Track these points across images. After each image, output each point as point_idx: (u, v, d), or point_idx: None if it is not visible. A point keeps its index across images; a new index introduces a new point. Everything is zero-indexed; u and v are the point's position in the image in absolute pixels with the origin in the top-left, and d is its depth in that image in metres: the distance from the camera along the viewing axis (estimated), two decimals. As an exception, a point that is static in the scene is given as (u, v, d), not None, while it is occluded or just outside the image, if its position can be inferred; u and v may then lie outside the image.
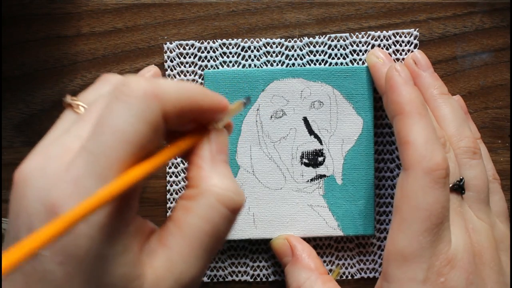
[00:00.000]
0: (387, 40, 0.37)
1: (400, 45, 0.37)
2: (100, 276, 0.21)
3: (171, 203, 0.37)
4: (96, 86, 0.27)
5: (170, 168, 0.37)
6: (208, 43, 0.37)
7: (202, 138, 0.25)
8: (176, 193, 0.37)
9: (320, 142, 0.36)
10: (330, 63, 0.37)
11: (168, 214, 0.37)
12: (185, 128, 0.24)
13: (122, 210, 0.22)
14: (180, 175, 0.37)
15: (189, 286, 0.23)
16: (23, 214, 0.21)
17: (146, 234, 0.24)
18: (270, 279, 0.37)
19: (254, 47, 0.37)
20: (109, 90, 0.24)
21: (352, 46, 0.37)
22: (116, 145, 0.21)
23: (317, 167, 0.36)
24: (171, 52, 0.37)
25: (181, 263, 0.23)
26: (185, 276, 0.23)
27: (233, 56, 0.37)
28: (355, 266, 0.37)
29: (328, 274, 0.35)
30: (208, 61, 0.37)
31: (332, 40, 0.37)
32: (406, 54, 0.37)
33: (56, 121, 0.25)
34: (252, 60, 0.37)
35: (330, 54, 0.37)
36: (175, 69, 0.37)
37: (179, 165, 0.37)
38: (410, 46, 0.37)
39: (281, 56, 0.37)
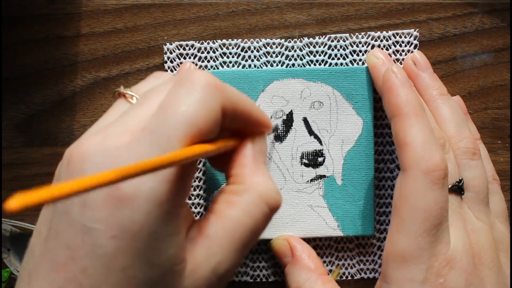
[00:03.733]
0: (387, 40, 0.37)
1: (400, 46, 0.37)
2: (150, 254, 0.21)
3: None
4: (147, 81, 0.28)
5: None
6: (208, 43, 0.37)
7: (245, 142, 0.27)
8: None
9: (320, 142, 0.36)
10: (330, 64, 0.37)
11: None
12: (225, 134, 0.26)
13: (179, 190, 0.22)
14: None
15: (224, 277, 0.24)
16: None
17: (190, 222, 0.24)
18: (270, 280, 0.37)
19: (254, 48, 0.37)
20: (167, 81, 0.25)
21: (352, 46, 0.37)
22: (178, 126, 0.22)
23: (317, 167, 0.36)
24: (171, 52, 0.37)
25: (220, 253, 0.23)
26: (222, 267, 0.23)
27: (233, 57, 0.37)
28: (355, 267, 0.37)
29: (328, 274, 0.35)
30: (208, 61, 0.37)
31: (332, 41, 0.37)
32: (406, 54, 0.37)
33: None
34: (252, 60, 0.37)
35: (330, 55, 0.37)
36: (175, 69, 0.37)
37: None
38: (410, 46, 0.37)
39: (281, 57, 0.37)
